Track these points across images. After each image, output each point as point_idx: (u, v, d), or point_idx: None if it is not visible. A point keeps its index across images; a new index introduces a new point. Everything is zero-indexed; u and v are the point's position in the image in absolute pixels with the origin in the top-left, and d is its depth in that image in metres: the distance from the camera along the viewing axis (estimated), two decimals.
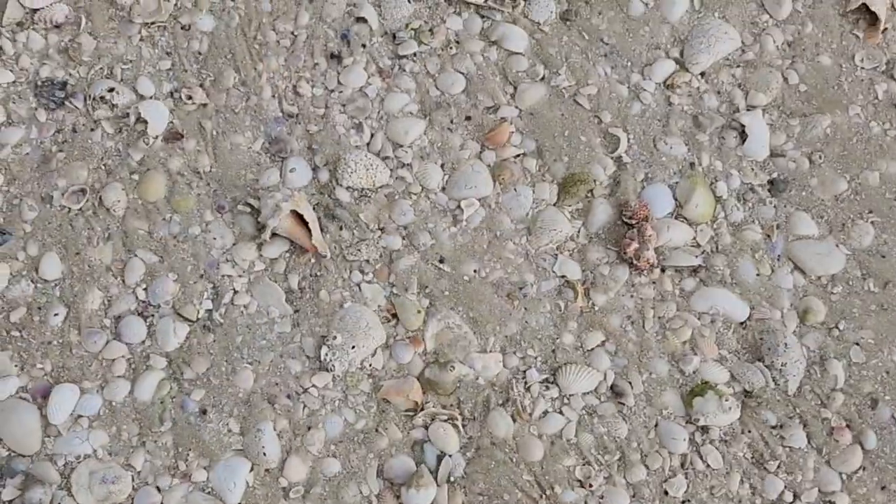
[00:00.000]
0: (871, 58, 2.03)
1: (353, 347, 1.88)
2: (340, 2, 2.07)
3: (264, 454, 1.83)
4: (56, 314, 1.90)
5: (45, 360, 1.88)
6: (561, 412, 1.87)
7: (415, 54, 2.04)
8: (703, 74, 2.03)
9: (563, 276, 1.94)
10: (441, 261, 1.94)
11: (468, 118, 2.02)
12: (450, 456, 1.84)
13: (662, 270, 1.94)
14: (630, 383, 1.88)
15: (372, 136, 2.01)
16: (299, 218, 1.92)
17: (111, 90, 2.01)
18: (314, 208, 1.96)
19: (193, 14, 2.06)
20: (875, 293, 1.92)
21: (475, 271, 1.94)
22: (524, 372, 1.90)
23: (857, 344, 1.89)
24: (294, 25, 2.06)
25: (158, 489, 1.83)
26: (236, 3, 2.07)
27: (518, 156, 2.00)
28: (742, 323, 1.92)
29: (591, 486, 1.81)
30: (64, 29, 2.06)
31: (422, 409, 1.87)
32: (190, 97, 2.01)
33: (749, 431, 1.85)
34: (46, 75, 2.03)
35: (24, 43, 2.04)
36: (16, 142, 1.99)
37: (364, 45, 2.05)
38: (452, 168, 1.99)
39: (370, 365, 1.90)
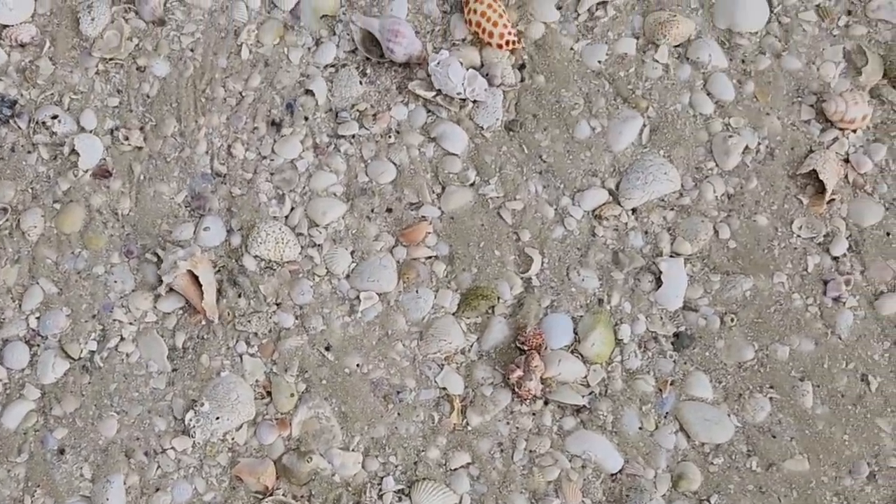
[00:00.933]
0: (810, 227, 1.89)
1: (218, 418, 1.82)
2: (295, 71, 2.02)
3: None
4: None
5: None
6: None
7: (353, 136, 1.98)
8: (634, 211, 1.92)
9: (443, 389, 1.85)
10: (327, 348, 1.87)
11: (389, 210, 1.94)
12: None
13: (546, 403, 1.83)
14: None
15: (292, 209, 1.95)
16: (196, 278, 1.87)
17: (55, 117, 1.99)
18: (219, 270, 1.91)
19: (151, 57, 2.03)
20: (756, 473, 1.78)
21: (358, 366, 1.86)
22: (381, 478, 1.81)
23: None
24: (244, 86, 2.01)
25: None
26: (195, 53, 2.03)
27: (429, 258, 1.91)
28: (613, 475, 1.80)
29: None
30: (27, 49, 2.04)
31: (270, 495, 1.79)
32: (127, 138, 1.98)
33: None
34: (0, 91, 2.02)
35: None
36: None
37: (306, 118, 1.99)
38: (362, 257, 1.92)
39: (232, 439, 1.83)
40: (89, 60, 2.03)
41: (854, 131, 1.92)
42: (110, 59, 2.03)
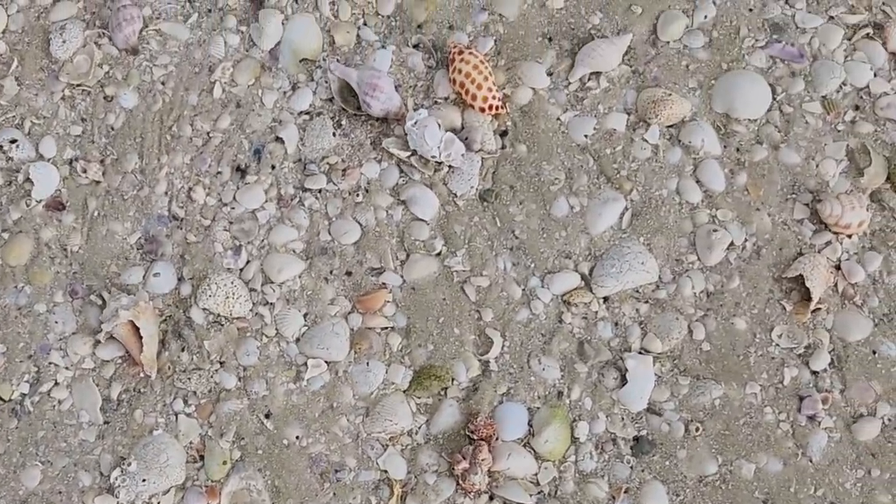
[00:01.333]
0: (791, 336, 1.74)
1: (144, 480, 1.70)
2: (267, 115, 1.89)
3: None
4: None
5: None
6: None
7: (320, 191, 1.85)
8: (606, 300, 1.78)
9: (385, 471, 1.72)
10: (267, 416, 1.75)
11: (349, 273, 1.81)
12: None
13: (491, 498, 1.70)
14: None
15: (248, 262, 1.82)
16: (138, 329, 1.75)
17: (13, 142, 1.88)
18: (165, 320, 1.79)
19: (120, 87, 1.91)
20: None
21: (297, 438, 1.74)
22: None
23: None
24: (212, 126, 1.89)
25: None
26: (165, 87, 1.91)
27: (385, 328, 1.78)
28: None
29: None
30: None
31: None
32: (85, 170, 1.87)
33: None
34: None
35: None
36: None
37: (273, 167, 1.86)
38: (314, 321, 1.79)
39: (158, 503, 1.71)
40: (56, 84, 1.92)
41: (849, 237, 1.77)
42: (78, 85, 1.91)
